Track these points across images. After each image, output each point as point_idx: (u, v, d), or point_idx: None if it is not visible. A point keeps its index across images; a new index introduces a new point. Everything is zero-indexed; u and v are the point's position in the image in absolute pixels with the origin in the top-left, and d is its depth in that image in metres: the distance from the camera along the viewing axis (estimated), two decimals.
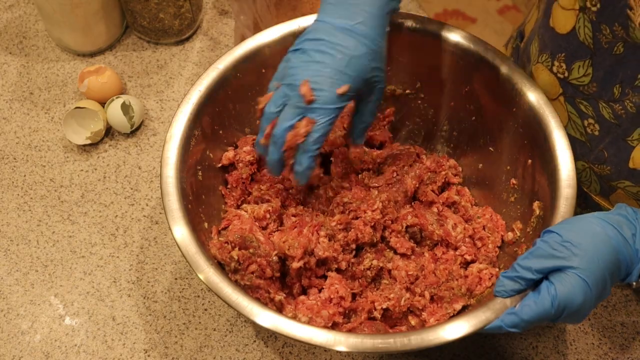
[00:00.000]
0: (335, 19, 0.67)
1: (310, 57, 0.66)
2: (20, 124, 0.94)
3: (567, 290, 0.57)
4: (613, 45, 0.64)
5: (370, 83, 0.68)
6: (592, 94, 0.69)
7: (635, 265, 0.59)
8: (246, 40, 0.78)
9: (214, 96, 0.76)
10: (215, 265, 0.65)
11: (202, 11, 1.04)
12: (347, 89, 0.65)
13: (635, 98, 0.65)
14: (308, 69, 0.65)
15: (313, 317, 0.69)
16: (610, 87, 0.67)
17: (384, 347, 0.60)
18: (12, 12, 1.05)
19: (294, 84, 0.65)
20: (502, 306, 0.61)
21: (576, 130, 0.74)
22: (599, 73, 0.67)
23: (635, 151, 0.68)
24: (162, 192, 0.69)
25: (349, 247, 0.74)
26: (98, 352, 0.77)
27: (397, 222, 0.76)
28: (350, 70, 0.65)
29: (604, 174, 0.74)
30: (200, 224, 0.72)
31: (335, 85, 0.65)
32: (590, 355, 0.78)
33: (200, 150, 0.75)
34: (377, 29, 0.67)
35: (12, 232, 0.85)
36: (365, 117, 0.73)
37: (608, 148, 0.71)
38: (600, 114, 0.69)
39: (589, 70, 0.68)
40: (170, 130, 0.72)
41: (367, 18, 0.66)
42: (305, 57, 0.66)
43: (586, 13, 0.65)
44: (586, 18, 0.66)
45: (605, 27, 0.63)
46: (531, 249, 0.61)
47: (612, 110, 0.68)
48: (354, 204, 0.75)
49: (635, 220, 0.60)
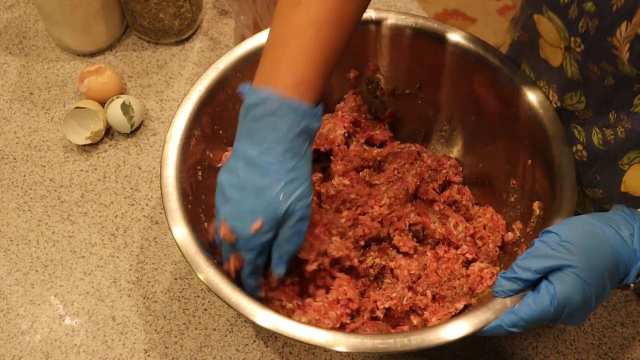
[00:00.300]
0: (247, 146, 0.62)
1: (225, 196, 0.63)
2: (20, 124, 0.94)
3: (566, 289, 0.57)
4: (603, 78, 0.64)
5: (287, 211, 0.62)
6: (588, 120, 0.70)
7: (633, 265, 0.59)
8: (246, 40, 0.78)
9: (214, 96, 0.76)
10: (215, 265, 0.65)
11: (202, 11, 1.04)
12: (260, 223, 0.62)
13: (628, 124, 0.65)
14: (226, 208, 0.63)
15: (321, 318, 0.69)
16: (605, 113, 0.67)
17: (384, 348, 0.60)
18: (12, 12, 1.05)
19: (218, 222, 0.64)
20: (502, 306, 0.61)
21: None
22: (592, 102, 0.68)
23: (626, 175, 0.69)
24: (162, 192, 0.69)
25: (358, 244, 0.74)
26: (98, 352, 0.77)
27: (401, 220, 0.76)
28: (260, 204, 0.61)
29: (596, 197, 0.74)
30: (200, 224, 0.72)
31: (249, 221, 0.62)
32: (590, 355, 0.78)
33: (200, 150, 0.75)
34: (283, 154, 0.61)
35: (12, 232, 0.85)
36: (280, 244, 0.64)
37: (601, 171, 0.71)
38: (590, 140, 0.70)
39: (582, 98, 0.69)
40: (170, 130, 0.72)
41: (272, 143, 0.61)
42: (221, 195, 0.64)
43: (571, 52, 0.66)
44: (571, 57, 0.66)
45: (592, 65, 0.64)
46: (529, 249, 0.61)
47: (602, 136, 0.68)
48: (361, 200, 0.75)
49: (633, 220, 0.60)
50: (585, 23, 0.61)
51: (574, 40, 0.64)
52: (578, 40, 0.63)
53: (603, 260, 0.58)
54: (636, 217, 0.60)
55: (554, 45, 0.68)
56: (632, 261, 0.59)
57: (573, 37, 0.64)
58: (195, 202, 0.72)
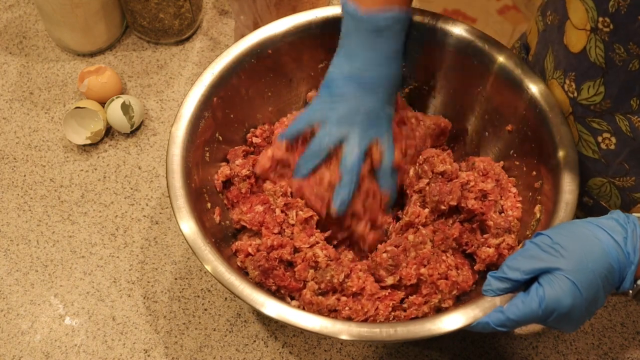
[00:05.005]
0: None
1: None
2: (20, 124, 0.94)
3: (554, 292, 0.57)
4: (628, 62, 0.64)
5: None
6: (607, 110, 0.69)
7: (627, 269, 0.59)
8: (260, 28, 0.79)
9: (227, 80, 0.77)
10: (212, 244, 0.66)
11: (202, 11, 1.04)
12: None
13: None
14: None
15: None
16: (627, 100, 0.66)
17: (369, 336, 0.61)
18: (12, 12, 1.05)
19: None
20: (491, 305, 0.61)
21: (588, 149, 0.74)
22: (612, 90, 0.67)
23: None
24: (166, 169, 0.69)
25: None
26: (98, 352, 0.77)
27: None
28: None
29: (627, 186, 0.73)
30: (204, 204, 0.72)
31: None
32: (590, 355, 0.78)
33: (210, 132, 0.76)
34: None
35: (12, 232, 0.85)
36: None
37: (628, 160, 0.71)
38: (617, 126, 0.69)
39: (600, 89, 0.68)
40: (180, 110, 0.73)
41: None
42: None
43: (598, 34, 0.65)
44: (598, 38, 0.65)
45: (619, 46, 0.63)
46: (520, 250, 0.61)
47: (629, 122, 0.67)
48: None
49: (627, 223, 0.59)
50: (617, 2, 0.61)
51: (603, 21, 0.63)
52: (607, 20, 0.63)
53: (595, 263, 0.58)
54: (630, 220, 0.60)
55: (579, 27, 0.67)
56: (626, 265, 0.58)
57: (602, 17, 0.64)
58: (201, 183, 0.72)
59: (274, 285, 0.71)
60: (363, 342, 0.76)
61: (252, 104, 0.81)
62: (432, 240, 0.72)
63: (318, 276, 0.70)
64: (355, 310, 0.68)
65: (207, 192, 0.75)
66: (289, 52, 0.80)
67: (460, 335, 0.78)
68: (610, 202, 0.77)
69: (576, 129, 0.73)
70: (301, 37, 0.79)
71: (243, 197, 0.77)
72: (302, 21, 0.79)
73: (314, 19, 0.79)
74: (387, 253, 0.71)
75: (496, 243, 0.72)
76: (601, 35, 0.65)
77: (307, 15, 0.79)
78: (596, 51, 0.66)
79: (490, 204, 0.74)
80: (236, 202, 0.77)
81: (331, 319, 0.63)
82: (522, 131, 0.77)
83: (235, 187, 0.77)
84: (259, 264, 0.71)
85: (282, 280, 0.71)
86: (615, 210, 0.62)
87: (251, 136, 0.82)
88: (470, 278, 0.72)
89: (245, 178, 0.77)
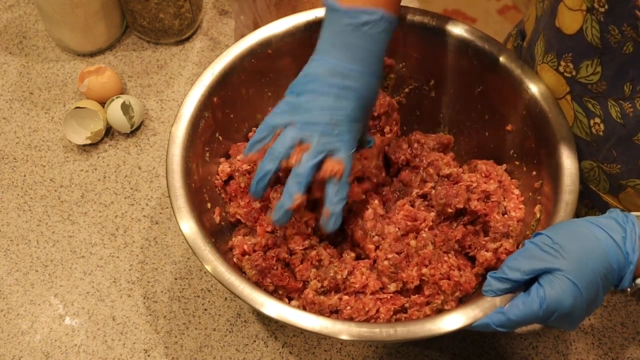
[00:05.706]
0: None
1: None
2: (20, 124, 0.94)
3: (555, 292, 0.57)
4: (622, 44, 0.63)
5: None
6: (602, 92, 0.69)
7: (626, 269, 0.59)
8: (261, 28, 0.79)
9: (227, 80, 0.76)
10: (212, 243, 0.66)
11: (202, 11, 1.04)
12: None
13: None
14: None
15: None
16: (620, 85, 0.66)
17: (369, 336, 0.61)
18: (12, 12, 1.05)
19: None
20: (491, 305, 0.61)
21: (582, 130, 0.73)
22: (608, 71, 0.67)
23: None
24: (166, 169, 0.69)
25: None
26: (98, 352, 0.77)
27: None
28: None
29: (613, 172, 0.73)
30: (204, 204, 0.72)
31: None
32: (590, 355, 0.78)
33: (210, 132, 0.76)
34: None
35: (12, 232, 0.85)
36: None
37: (616, 147, 0.71)
38: (608, 112, 0.69)
39: (597, 68, 0.68)
40: (180, 110, 0.73)
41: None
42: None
43: (594, 14, 0.65)
44: (594, 19, 0.65)
45: (614, 27, 0.63)
46: (519, 250, 0.61)
47: (620, 108, 0.67)
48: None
49: (625, 223, 0.59)
50: None
51: (598, 1, 0.63)
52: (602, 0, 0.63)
53: (594, 263, 0.58)
54: (629, 220, 0.60)
55: (574, 8, 0.67)
56: (625, 264, 0.59)
57: None
58: (201, 183, 0.72)
59: (271, 285, 0.71)
60: (363, 342, 0.76)
61: (252, 104, 0.81)
62: (434, 242, 0.72)
63: (321, 273, 0.70)
64: (356, 309, 0.68)
65: (207, 192, 0.75)
66: (289, 52, 0.80)
67: (460, 335, 0.78)
68: (600, 187, 0.77)
69: (572, 109, 0.73)
70: (301, 37, 0.79)
71: (242, 191, 0.77)
72: (302, 21, 0.79)
73: (314, 19, 0.79)
74: (389, 260, 0.71)
75: (494, 247, 0.72)
76: (597, 15, 0.64)
77: (307, 15, 0.79)
78: (592, 32, 0.66)
79: (494, 205, 0.74)
80: (234, 197, 0.77)
81: (331, 319, 0.63)
82: (522, 131, 0.77)
83: (235, 182, 0.78)
84: (256, 263, 0.70)
85: (280, 280, 0.71)
86: (613, 209, 0.62)
87: (252, 135, 0.82)
88: (472, 279, 0.72)
89: (245, 173, 0.77)
